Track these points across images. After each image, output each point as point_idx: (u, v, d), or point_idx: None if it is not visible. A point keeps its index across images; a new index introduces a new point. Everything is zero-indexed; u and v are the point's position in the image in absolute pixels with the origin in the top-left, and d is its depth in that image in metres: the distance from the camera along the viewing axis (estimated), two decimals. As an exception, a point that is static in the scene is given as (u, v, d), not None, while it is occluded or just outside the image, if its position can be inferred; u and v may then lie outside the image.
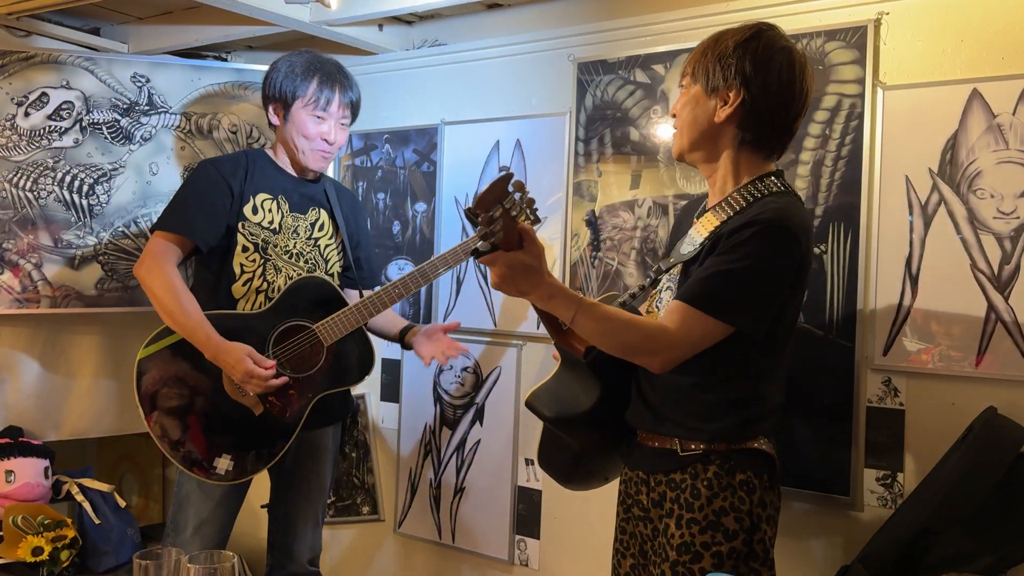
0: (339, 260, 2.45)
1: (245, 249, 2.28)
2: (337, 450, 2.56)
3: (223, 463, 2.21)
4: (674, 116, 1.71)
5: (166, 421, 2.21)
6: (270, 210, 2.32)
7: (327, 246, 2.41)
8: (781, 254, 1.54)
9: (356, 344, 2.33)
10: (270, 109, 2.35)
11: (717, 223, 1.61)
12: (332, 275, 2.42)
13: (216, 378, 2.21)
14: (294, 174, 2.39)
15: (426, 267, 2.31)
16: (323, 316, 2.26)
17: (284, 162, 2.39)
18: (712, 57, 1.62)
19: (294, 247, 2.35)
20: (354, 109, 2.40)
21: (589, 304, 1.53)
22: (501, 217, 1.39)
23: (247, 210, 2.29)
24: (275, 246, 2.31)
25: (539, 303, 1.54)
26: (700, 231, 1.65)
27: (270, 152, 2.40)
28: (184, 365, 2.22)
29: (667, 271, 1.69)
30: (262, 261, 2.30)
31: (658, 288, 1.74)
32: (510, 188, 1.37)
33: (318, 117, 2.30)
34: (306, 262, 2.36)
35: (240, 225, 2.28)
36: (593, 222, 2.45)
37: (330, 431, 2.49)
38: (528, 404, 1.73)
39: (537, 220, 2.42)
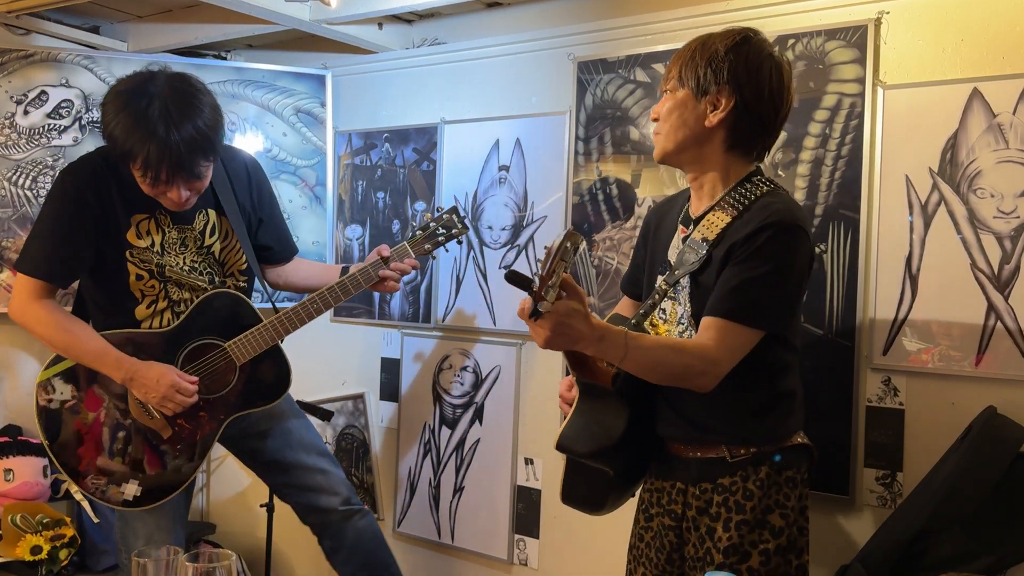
0: (239, 259, 2.22)
1: (139, 277, 2.08)
2: (294, 407, 2.37)
3: (131, 489, 2.07)
4: (655, 119, 1.70)
5: (69, 446, 2.08)
6: (149, 231, 2.08)
7: (223, 249, 2.19)
8: (798, 252, 1.57)
9: (271, 362, 2.16)
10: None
11: (722, 226, 1.61)
12: (232, 275, 2.22)
13: (121, 400, 2.09)
14: None
15: (348, 282, 2.17)
16: (235, 333, 2.12)
17: None
18: (701, 61, 1.61)
19: (186, 262, 2.13)
20: (206, 157, 1.98)
21: (635, 338, 1.52)
22: (559, 275, 1.35)
23: (131, 236, 2.06)
24: (170, 266, 2.11)
25: (589, 349, 1.51)
26: (701, 236, 1.64)
27: None
28: (87, 387, 2.09)
29: (675, 284, 1.68)
30: (162, 284, 2.11)
31: (652, 298, 1.73)
32: (569, 245, 1.33)
33: (155, 187, 1.99)
34: (201, 273, 2.16)
35: (127, 253, 2.06)
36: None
37: (279, 402, 2.27)
38: (561, 447, 1.67)
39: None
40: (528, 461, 2.59)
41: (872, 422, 2.03)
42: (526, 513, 2.60)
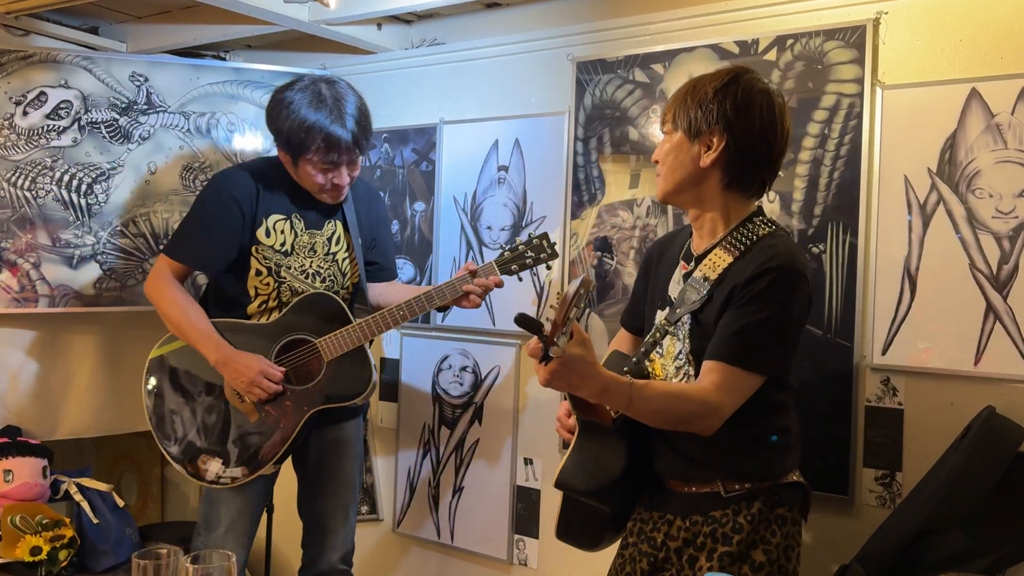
0: (354, 271, 2.42)
1: (259, 273, 2.29)
2: (360, 444, 2.56)
3: (214, 467, 2.25)
4: (656, 162, 1.73)
5: (166, 420, 2.29)
6: (282, 231, 2.30)
7: (344, 259, 2.40)
8: (798, 296, 1.60)
9: (356, 362, 2.30)
10: (278, 147, 2.28)
11: (724, 266, 1.63)
12: (347, 287, 2.42)
13: (218, 383, 2.28)
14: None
15: (433, 292, 2.26)
16: (327, 331, 2.27)
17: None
18: (692, 103, 1.64)
19: (310, 266, 2.34)
20: (363, 145, 2.28)
21: (639, 387, 1.53)
22: (572, 321, 1.38)
23: (260, 233, 2.28)
24: (288, 268, 2.31)
25: (592, 397, 1.52)
26: (703, 275, 1.66)
27: (285, 162, 2.32)
28: (190, 368, 2.30)
29: (675, 323, 1.69)
30: (276, 284, 2.31)
31: (654, 335, 1.74)
32: (583, 292, 1.36)
33: (326, 168, 2.24)
34: (323, 280, 2.36)
35: (254, 249, 2.28)
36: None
37: (350, 425, 2.48)
38: (560, 485, 1.68)
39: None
40: (527, 461, 2.60)
41: (871, 422, 2.03)
42: (525, 513, 2.60)
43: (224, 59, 3.20)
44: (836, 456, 2.05)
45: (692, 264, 1.71)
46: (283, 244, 2.31)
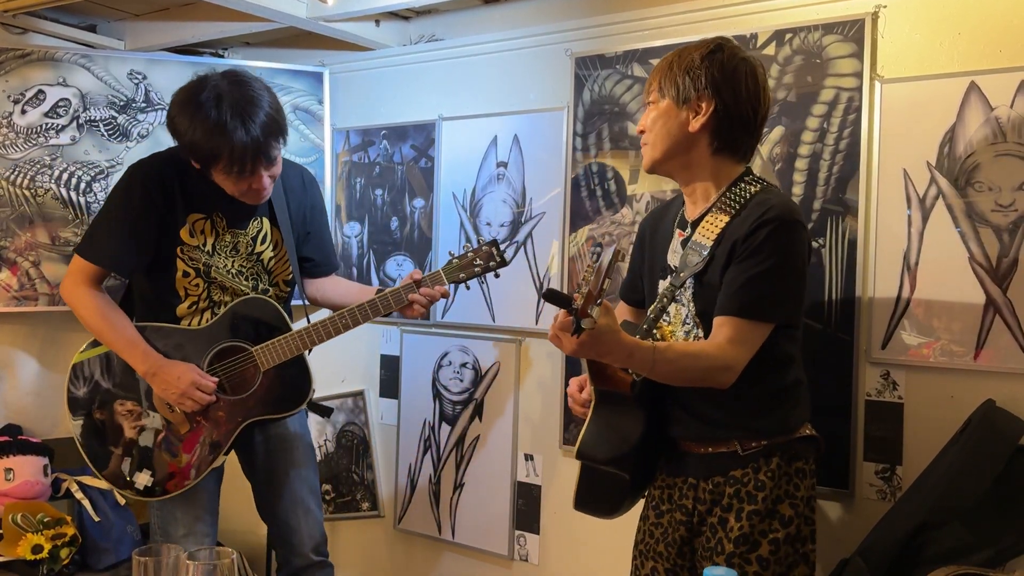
0: (285, 268, 2.32)
1: (186, 274, 2.18)
2: (307, 432, 2.45)
3: (142, 478, 2.16)
4: (642, 132, 1.76)
5: (91, 429, 2.20)
6: (203, 231, 2.18)
7: (271, 258, 2.29)
8: (799, 244, 1.64)
9: (294, 372, 2.21)
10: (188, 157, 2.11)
11: (721, 226, 1.67)
12: (277, 285, 2.31)
13: (146, 392, 2.18)
14: None
15: (378, 301, 2.19)
16: (264, 338, 2.17)
17: None
18: (679, 70, 1.68)
19: (233, 265, 2.22)
20: (275, 145, 2.10)
21: (661, 350, 1.58)
22: (605, 292, 1.40)
23: (184, 234, 2.16)
24: (216, 268, 2.20)
25: (618, 363, 1.58)
26: (703, 238, 1.69)
27: None
28: (116, 375, 2.20)
29: (680, 286, 1.72)
30: (206, 285, 2.20)
31: (660, 302, 1.76)
32: (616, 264, 1.41)
33: (240, 179, 2.09)
34: (247, 279, 2.24)
35: (179, 250, 2.16)
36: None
37: (295, 420, 2.39)
38: (581, 455, 1.71)
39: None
40: (528, 457, 2.60)
41: (871, 416, 2.03)
42: (526, 509, 2.60)
43: (222, 56, 3.19)
44: (836, 450, 2.05)
45: (689, 230, 1.74)
46: (205, 244, 2.19)
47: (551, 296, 1.43)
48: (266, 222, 2.27)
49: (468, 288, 2.35)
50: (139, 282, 2.26)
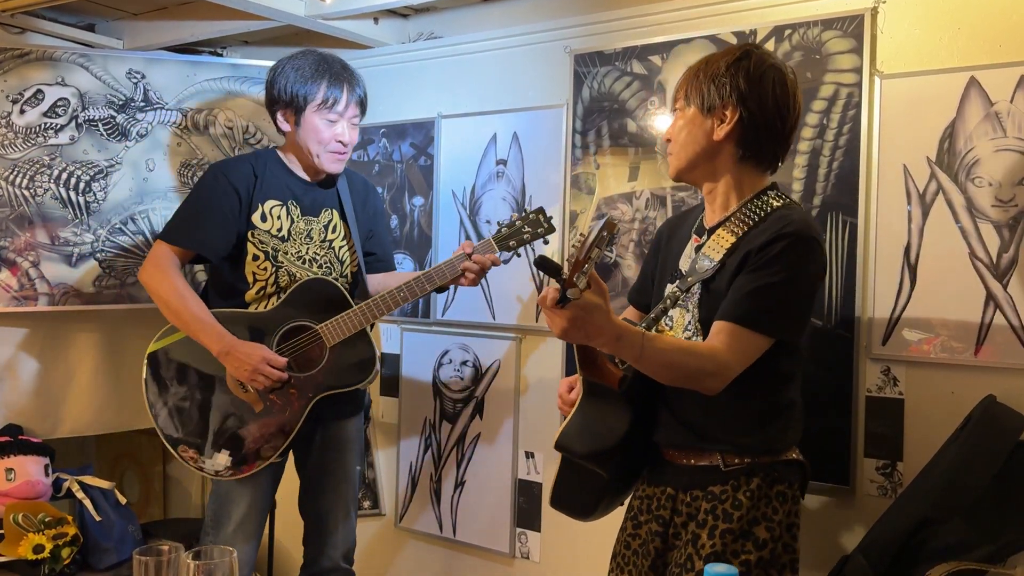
0: (352, 259, 2.42)
1: (256, 258, 2.28)
2: (361, 441, 2.55)
3: (221, 459, 2.24)
4: (668, 141, 1.74)
5: (169, 414, 2.27)
6: (279, 217, 2.30)
7: (341, 247, 2.39)
8: (812, 263, 1.61)
9: (359, 346, 2.30)
10: (279, 115, 2.31)
11: (733, 240, 1.64)
12: (347, 275, 2.40)
13: (220, 374, 2.25)
14: (306, 177, 2.36)
15: (433, 272, 2.27)
16: (328, 317, 2.26)
17: (295, 165, 2.36)
18: (705, 78, 1.66)
19: (307, 252, 2.33)
20: (363, 106, 2.36)
21: (651, 338, 1.53)
22: (592, 263, 1.35)
23: (256, 218, 2.28)
24: (286, 253, 2.30)
25: (607, 346, 1.52)
26: (714, 248, 1.67)
27: (281, 154, 2.37)
28: (191, 361, 2.28)
29: (687, 291, 1.69)
30: (274, 269, 2.30)
31: (663, 303, 1.74)
32: (606, 234, 1.34)
33: (330, 120, 2.27)
34: (320, 266, 2.35)
35: (250, 233, 2.28)
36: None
37: (351, 423, 2.48)
38: (560, 446, 1.67)
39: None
40: (529, 455, 2.60)
41: (872, 412, 2.03)
42: (527, 507, 2.60)
43: (221, 55, 3.19)
44: (837, 446, 2.05)
45: (704, 237, 1.72)
46: (279, 230, 2.30)
47: (542, 263, 1.39)
48: (335, 214, 2.39)
49: (519, 255, 2.38)
50: (213, 274, 2.41)
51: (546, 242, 2.35)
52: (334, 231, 2.39)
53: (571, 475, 1.74)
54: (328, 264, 2.36)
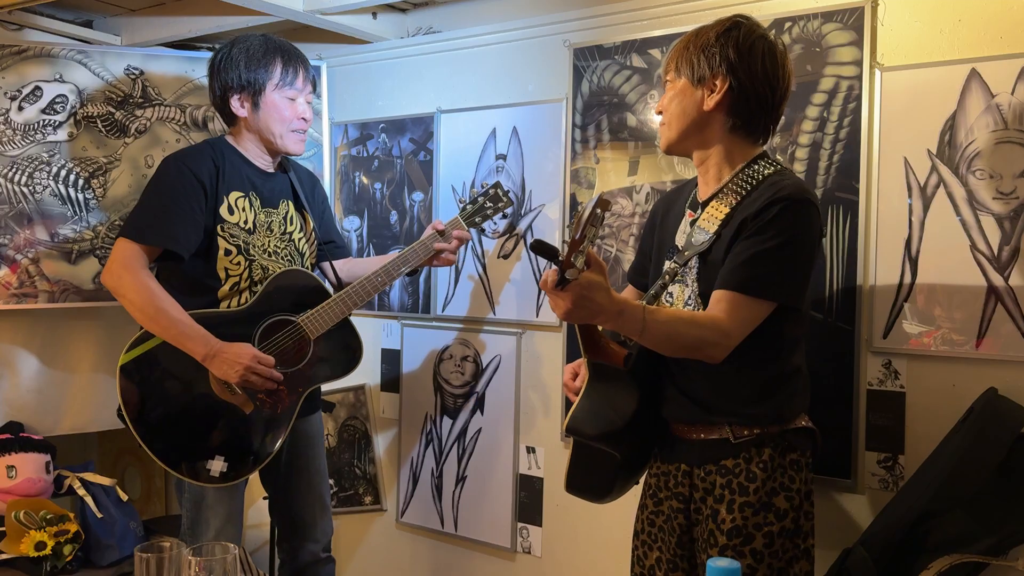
0: (311, 251, 2.39)
1: (228, 252, 2.19)
2: (323, 435, 2.55)
3: (216, 465, 2.15)
4: (660, 113, 1.75)
5: (154, 426, 2.14)
6: (243, 208, 2.22)
7: (300, 239, 2.35)
8: (809, 225, 1.61)
9: (342, 335, 2.27)
10: (234, 102, 2.22)
11: (727, 210, 1.64)
12: (308, 267, 2.37)
13: (202, 379, 2.15)
14: (262, 167, 2.29)
15: (408, 254, 2.30)
16: (306, 309, 2.21)
17: (251, 154, 2.28)
18: (695, 49, 1.67)
19: (270, 245, 2.26)
20: (314, 83, 2.35)
21: (652, 311, 1.53)
22: (588, 241, 1.35)
23: (223, 211, 2.18)
24: (255, 246, 2.23)
25: (610, 323, 1.51)
26: (708, 220, 1.67)
27: (234, 143, 2.28)
28: (168, 368, 2.15)
29: (684, 265, 1.70)
30: (247, 263, 2.21)
31: (662, 279, 1.75)
32: (599, 212, 1.34)
33: (290, 98, 2.24)
34: (282, 259, 2.28)
35: (219, 227, 2.18)
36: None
37: (315, 418, 2.47)
38: (571, 430, 1.67)
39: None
40: (530, 449, 2.60)
41: (873, 405, 2.03)
42: (528, 501, 2.60)
43: (219, 51, 3.18)
44: (838, 440, 2.05)
45: (699, 211, 1.72)
46: (246, 222, 2.22)
47: (538, 247, 1.39)
48: (291, 205, 2.35)
49: (482, 231, 2.43)
50: (174, 274, 2.21)
51: (505, 216, 2.42)
52: (292, 223, 2.33)
53: (584, 458, 1.75)
54: (289, 257, 2.30)
